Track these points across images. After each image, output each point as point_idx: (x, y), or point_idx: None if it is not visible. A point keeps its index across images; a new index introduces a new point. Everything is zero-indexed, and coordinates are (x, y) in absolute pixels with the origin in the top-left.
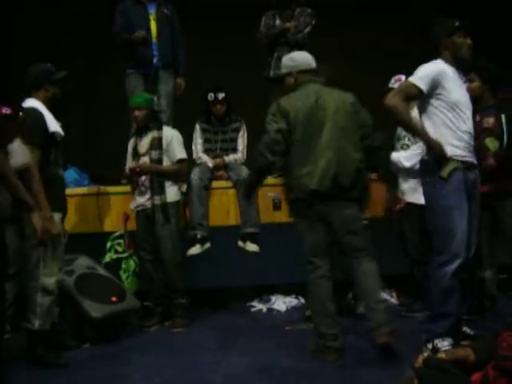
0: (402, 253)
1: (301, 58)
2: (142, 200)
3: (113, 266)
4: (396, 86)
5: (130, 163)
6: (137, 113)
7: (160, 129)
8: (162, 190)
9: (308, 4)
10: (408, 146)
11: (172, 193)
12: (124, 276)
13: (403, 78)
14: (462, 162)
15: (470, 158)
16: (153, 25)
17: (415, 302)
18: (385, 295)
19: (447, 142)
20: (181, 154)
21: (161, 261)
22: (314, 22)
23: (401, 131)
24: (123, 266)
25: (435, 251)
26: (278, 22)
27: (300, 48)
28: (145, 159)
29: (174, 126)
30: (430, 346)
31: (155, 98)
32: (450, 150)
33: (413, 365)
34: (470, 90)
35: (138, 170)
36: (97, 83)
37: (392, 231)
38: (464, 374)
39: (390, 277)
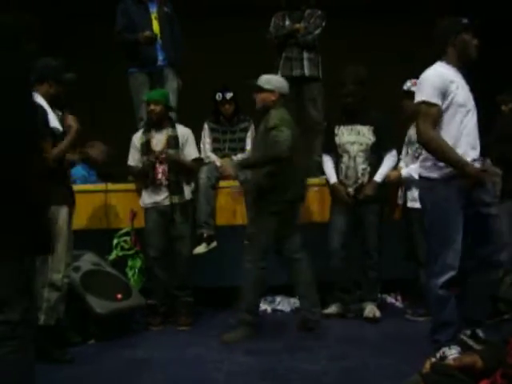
0: (407, 257)
1: (285, 83)
2: (159, 198)
3: (119, 263)
4: (412, 89)
5: (134, 158)
6: (153, 107)
7: (174, 126)
8: (180, 189)
9: (318, 6)
10: (419, 153)
11: (187, 192)
12: (130, 273)
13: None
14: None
15: (473, 162)
16: (155, 24)
17: (420, 305)
18: (390, 299)
19: None
20: (196, 153)
21: (168, 259)
22: (324, 24)
23: (414, 135)
24: (129, 263)
25: (429, 260)
26: (287, 22)
27: (310, 49)
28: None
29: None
30: (438, 355)
31: (170, 93)
32: None
33: (420, 370)
34: None
35: (163, 156)
36: (103, 82)
37: (397, 235)
38: (471, 381)
39: (394, 280)
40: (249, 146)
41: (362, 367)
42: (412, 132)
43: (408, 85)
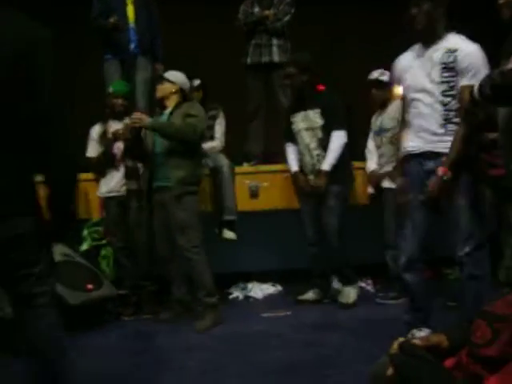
0: (377, 241)
1: (187, 81)
2: (116, 186)
3: (90, 254)
4: (381, 78)
5: (93, 150)
6: (120, 101)
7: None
8: (137, 176)
9: None
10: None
11: (145, 180)
12: (104, 263)
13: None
14: (413, 154)
15: (422, 145)
16: (130, 9)
17: (391, 289)
18: (361, 283)
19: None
20: None
21: (132, 248)
22: (293, 11)
23: (387, 122)
24: (102, 253)
25: None
26: (256, 9)
27: (279, 36)
28: (119, 145)
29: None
30: (409, 335)
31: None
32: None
33: (388, 351)
34: None
35: (120, 132)
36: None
37: (368, 219)
38: (439, 361)
39: (365, 265)
40: (218, 134)
41: (335, 352)
42: (385, 120)
43: (375, 75)
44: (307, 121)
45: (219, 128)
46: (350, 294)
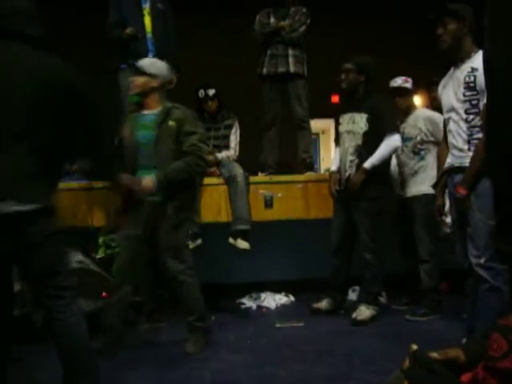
0: (392, 252)
1: (169, 71)
2: None
3: (105, 261)
4: (404, 85)
5: None
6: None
7: None
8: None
9: (303, 3)
10: (419, 148)
11: None
12: None
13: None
14: (449, 169)
15: (452, 161)
16: (147, 19)
17: (421, 305)
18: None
19: None
20: None
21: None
22: (308, 22)
23: (409, 131)
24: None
25: None
26: (272, 20)
27: (295, 47)
28: None
29: None
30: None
31: None
32: None
33: (401, 366)
34: None
35: None
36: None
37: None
38: (453, 375)
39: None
40: (233, 143)
41: (348, 364)
42: (407, 129)
43: (399, 82)
44: (352, 123)
45: (234, 138)
46: (365, 312)
